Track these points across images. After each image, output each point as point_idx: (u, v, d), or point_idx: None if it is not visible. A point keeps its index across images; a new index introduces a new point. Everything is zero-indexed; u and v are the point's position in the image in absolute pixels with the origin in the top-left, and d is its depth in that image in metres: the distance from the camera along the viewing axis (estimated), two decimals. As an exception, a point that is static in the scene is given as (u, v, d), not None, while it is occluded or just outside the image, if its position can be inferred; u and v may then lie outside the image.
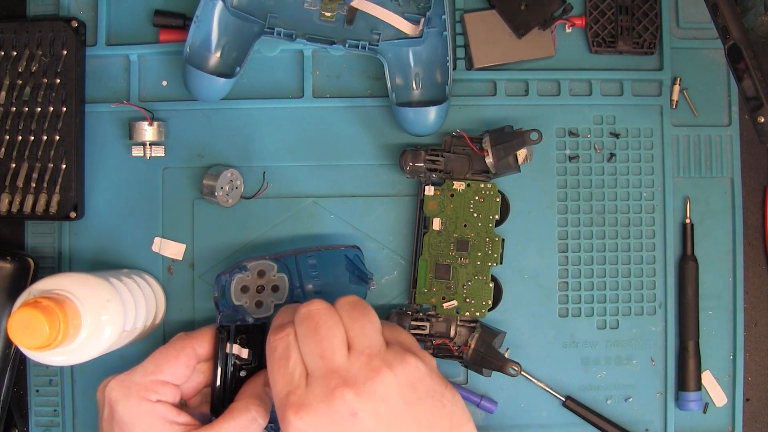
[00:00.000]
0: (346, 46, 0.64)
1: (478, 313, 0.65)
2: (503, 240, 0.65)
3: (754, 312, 0.70)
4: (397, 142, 0.67)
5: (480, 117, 0.68)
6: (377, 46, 0.64)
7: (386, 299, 0.67)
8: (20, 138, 0.64)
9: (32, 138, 0.64)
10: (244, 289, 0.62)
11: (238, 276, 0.62)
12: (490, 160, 0.63)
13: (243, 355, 0.59)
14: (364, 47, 0.64)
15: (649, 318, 0.68)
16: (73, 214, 0.64)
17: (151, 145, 0.66)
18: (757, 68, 0.56)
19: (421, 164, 0.65)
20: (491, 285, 0.65)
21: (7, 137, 0.64)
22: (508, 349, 0.66)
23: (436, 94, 0.65)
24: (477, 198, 0.65)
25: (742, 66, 0.57)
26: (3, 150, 0.64)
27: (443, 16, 0.63)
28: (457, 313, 0.65)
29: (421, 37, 0.64)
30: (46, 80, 0.64)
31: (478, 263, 0.65)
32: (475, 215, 0.65)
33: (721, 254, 0.69)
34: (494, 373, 0.64)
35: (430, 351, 0.64)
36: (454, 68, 0.66)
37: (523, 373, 0.66)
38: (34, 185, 0.64)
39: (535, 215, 0.68)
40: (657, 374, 0.68)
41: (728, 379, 0.68)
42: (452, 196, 0.65)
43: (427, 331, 0.64)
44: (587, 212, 0.68)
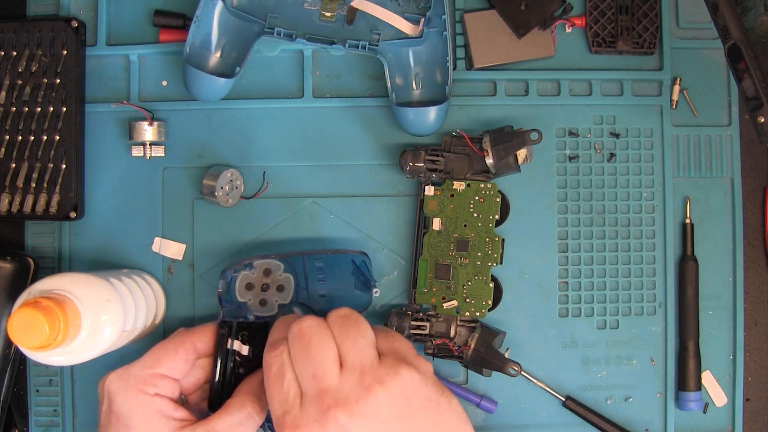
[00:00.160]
0: (346, 46, 0.64)
1: (478, 313, 0.65)
2: (503, 240, 0.65)
3: (754, 312, 0.70)
4: (397, 142, 0.67)
5: (480, 117, 0.68)
6: (377, 46, 0.64)
7: (386, 299, 0.67)
8: (20, 138, 0.64)
9: (32, 138, 0.64)
10: (249, 287, 0.62)
11: (243, 273, 0.62)
12: (490, 160, 0.63)
13: (243, 352, 0.59)
14: (364, 47, 0.64)
15: (649, 318, 0.68)
16: (73, 214, 0.64)
17: (151, 145, 0.66)
18: (757, 68, 0.56)
19: (421, 164, 0.65)
20: (491, 285, 0.65)
21: (7, 137, 0.64)
22: (508, 349, 0.66)
23: (436, 94, 0.65)
24: (477, 198, 0.65)
25: (742, 66, 0.57)
26: (3, 150, 0.64)
27: (443, 16, 0.63)
28: (457, 313, 0.65)
29: (421, 37, 0.64)
30: (46, 80, 0.64)
31: (478, 263, 0.65)
32: (475, 215, 0.65)
33: (721, 254, 0.69)
34: (494, 373, 0.64)
35: (429, 351, 0.64)
36: (454, 68, 0.66)
37: (523, 373, 0.66)
38: (34, 185, 0.64)
39: (535, 215, 0.68)
40: (657, 374, 0.68)
41: (728, 379, 0.68)
42: (452, 196, 0.65)
43: (427, 331, 0.64)
44: (587, 212, 0.68)
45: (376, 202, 0.67)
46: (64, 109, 0.64)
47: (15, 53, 0.64)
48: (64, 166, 0.64)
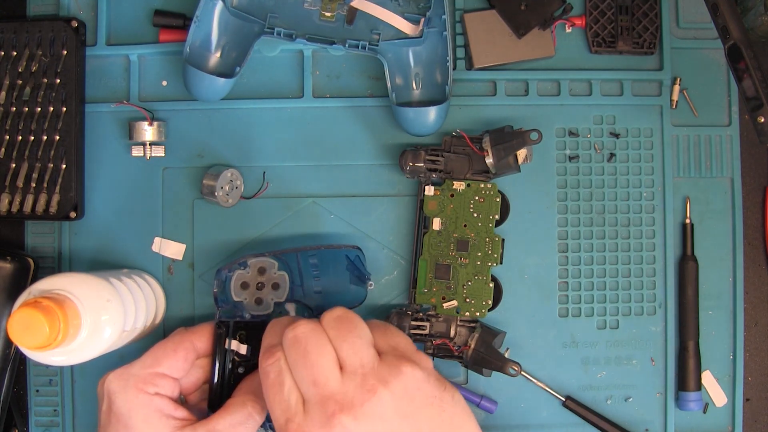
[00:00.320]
0: (346, 46, 0.64)
1: (478, 313, 0.65)
2: (503, 240, 0.65)
3: (754, 312, 0.70)
4: (397, 142, 0.67)
5: (480, 117, 0.68)
6: (377, 46, 0.64)
7: (386, 299, 0.67)
8: (20, 138, 0.64)
9: (32, 138, 0.64)
10: (244, 286, 0.62)
11: (238, 272, 0.62)
12: (490, 160, 0.63)
13: (242, 352, 0.59)
14: (364, 47, 0.64)
15: (649, 318, 0.68)
16: (73, 214, 0.64)
17: (151, 145, 0.66)
18: (757, 68, 0.56)
19: (421, 164, 0.65)
20: (491, 285, 0.65)
21: (7, 137, 0.64)
22: (508, 349, 0.66)
23: (436, 94, 0.65)
24: (477, 198, 0.65)
25: (742, 66, 0.57)
26: (3, 150, 0.64)
27: (443, 16, 0.63)
28: (457, 313, 0.65)
29: (421, 37, 0.64)
30: (46, 80, 0.64)
31: (478, 263, 0.65)
32: (475, 215, 0.65)
33: (721, 254, 0.69)
34: (494, 373, 0.64)
35: (429, 351, 0.64)
36: (454, 68, 0.66)
37: (523, 373, 0.66)
38: (34, 185, 0.64)
39: (535, 215, 0.68)
40: (657, 374, 0.68)
41: (728, 379, 0.68)
42: (452, 196, 0.65)
43: (427, 331, 0.64)
44: (587, 212, 0.68)
45: (376, 202, 0.67)
46: (64, 109, 0.64)
47: (15, 53, 0.64)
48: (64, 166, 0.64)
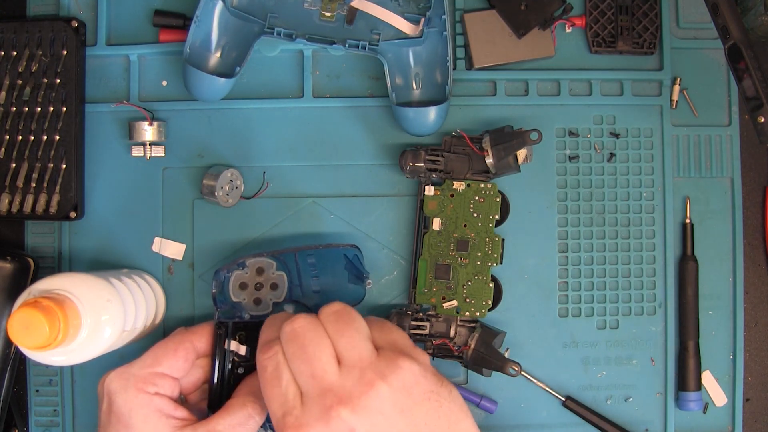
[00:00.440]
0: (346, 46, 0.64)
1: (478, 313, 0.65)
2: (503, 240, 0.65)
3: (754, 312, 0.70)
4: (397, 142, 0.67)
5: (480, 117, 0.68)
6: (377, 46, 0.64)
7: (386, 299, 0.67)
8: (20, 138, 0.64)
9: (32, 138, 0.64)
10: (243, 286, 0.62)
11: (236, 272, 0.62)
12: (490, 160, 0.63)
13: (241, 352, 0.59)
14: (364, 47, 0.64)
15: (649, 318, 0.68)
16: (73, 214, 0.64)
17: (151, 145, 0.66)
18: (757, 68, 0.56)
19: (421, 164, 0.65)
20: (491, 285, 0.65)
21: (7, 137, 0.64)
22: (508, 349, 0.66)
23: (436, 94, 0.65)
24: (477, 198, 0.65)
25: (742, 66, 0.57)
26: (3, 150, 0.64)
27: (443, 16, 0.63)
28: (457, 313, 0.65)
29: (421, 37, 0.64)
30: (46, 80, 0.64)
31: (478, 263, 0.65)
32: (475, 215, 0.65)
33: (721, 254, 0.69)
34: (494, 373, 0.64)
35: (429, 351, 0.64)
36: (454, 68, 0.66)
37: (523, 373, 0.66)
38: (34, 185, 0.64)
39: (535, 215, 0.68)
40: (657, 374, 0.68)
41: (728, 379, 0.68)
42: (452, 196, 0.65)
43: (427, 331, 0.64)
44: (587, 212, 0.68)
45: (376, 202, 0.67)
46: (64, 109, 0.64)
47: (15, 53, 0.64)
48: (64, 166, 0.64)
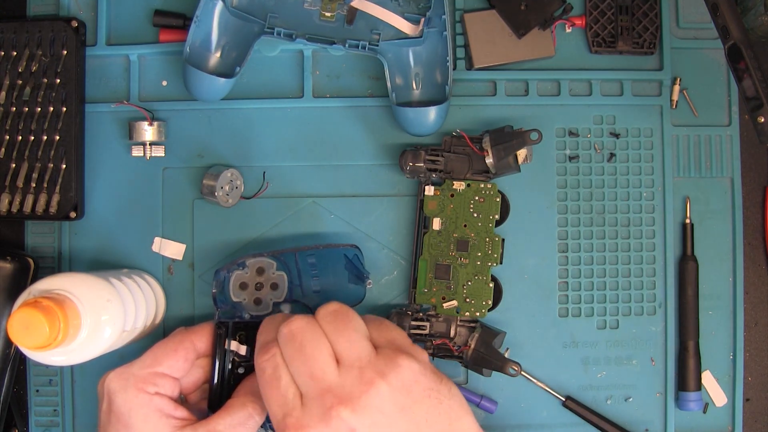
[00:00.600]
0: (346, 46, 0.64)
1: (478, 313, 0.65)
2: (503, 240, 0.65)
3: (754, 312, 0.70)
4: (397, 142, 0.67)
5: (480, 117, 0.68)
6: (377, 46, 0.64)
7: (386, 299, 0.67)
8: (20, 138, 0.64)
9: (32, 138, 0.64)
10: (243, 286, 0.62)
11: (236, 272, 0.62)
12: (490, 160, 0.63)
13: (241, 352, 0.59)
14: (364, 47, 0.64)
15: (649, 318, 0.68)
16: (73, 214, 0.64)
17: (151, 145, 0.66)
18: (757, 68, 0.56)
19: (421, 164, 0.65)
20: (491, 285, 0.65)
21: (7, 137, 0.64)
22: (508, 349, 0.66)
23: (436, 94, 0.65)
24: (477, 198, 0.65)
25: (742, 66, 0.57)
26: (3, 150, 0.64)
27: (443, 16, 0.63)
28: (457, 313, 0.65)
29: (421, 37, 0.64)
30: (46, 80, 0.64)
31: (478, 263, 0.65)
32: (475, 215, 0.65)
33: (721, 254, 0.69)
34: (494, 373, 0.64)
35: (429, 351, 0.64)
36: (454, 68, 0.66)
37: (523, 373, 0.66)
38: (34, 185, 0.64)
39: (535, 215, 0.68)
40: (657, 374, 0.68)
41: (728, 379, 0.68)
42: (452, 196, 0.65)
43: (427, 331, 0.64)
44: (587, 212, 0.68)
45: (376, 202, 0.67)
46: (64, 109, 0.64)
47: (15, 53, 0.64)
48: (64, 166, 0.64)
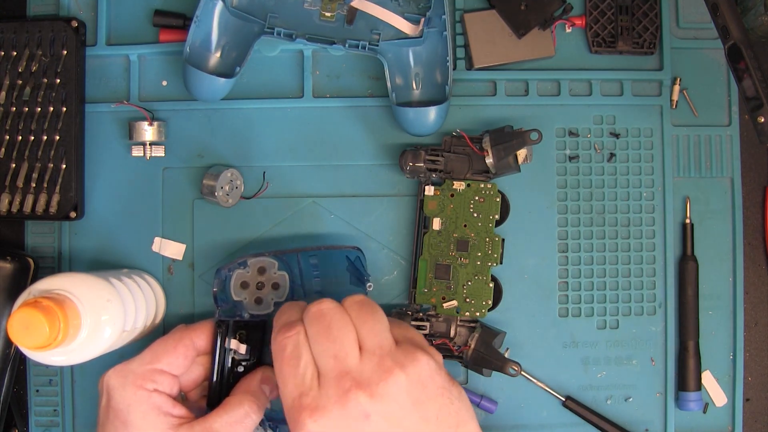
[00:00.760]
0: (346, 46, 0.64)
1: (478, 313, 0.65)
2: (503, 240, 0.65)
3: (754, 312, 0.70)
4: (397, 142, 0.67)
5: (480, 117, 0.68)
6: (377, 46, 0.64)
7: (386, 299, 0.67)
8: (20, 138, 0.64)
9: (32, 138, 0.64)
10: (244, 285, 0.62)
11: (238, 271, 0.62)
12: (490, 160, 0.63)
13: (241, 351, 0.59)
14: (364, 47, 0.64)
15: (649, 318, 0.68)
16: (73, 214, 0.64)
17: (151, 145, 0.66)
18: (757, 68, 0.56)
19: (421, 164, 0.65)
20: (491, 285, 0.65)
21: (7, 137, 0.64)
22: (508, 349, 0.66)
23: (436, 94, 0.65)
24: (477, 198, 0.65)
25: (742, 66, 0.57)
26: (3, 150, 0.64)
27: (443, 16, 0.63)
28: (457, 313, 0.65)
29: (421, 37, 0.64)
30: (46, 80, 0.64)
31: (478, 263, 0.65)
32: (475, 215, 0.65)
33: (721, 254, 0.69)
34: (494, 373, 0.64)
35: (430, 351, 0.64)
36: (454, 68, 0.66)
37: (523, 373, 0.66)
38: (34, 185, 0.64)
39: (535, 215, 0.68)
40: (657, 374, 0.68)
41: (728, 379, 0.68)
42: (452, 196, 0.65)
43: (427, 331, 0.64)
44: (587, 212, 0.68)
45: (376, 202, 0.67)
46: (64, 109, 0.64)
47: (15, 53, 0.64)
48: (64, 166, 0.64)
